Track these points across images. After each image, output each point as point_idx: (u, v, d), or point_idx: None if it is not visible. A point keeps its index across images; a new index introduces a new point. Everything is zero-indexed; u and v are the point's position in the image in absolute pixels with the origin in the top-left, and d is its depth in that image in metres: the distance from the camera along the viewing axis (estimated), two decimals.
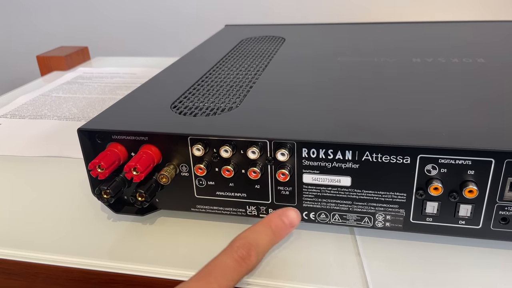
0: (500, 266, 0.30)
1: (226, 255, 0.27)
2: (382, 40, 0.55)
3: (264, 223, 0.30)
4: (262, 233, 0.29)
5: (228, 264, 0.27)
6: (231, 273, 0.26)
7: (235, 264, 0.27)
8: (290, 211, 0.31)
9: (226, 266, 0.26)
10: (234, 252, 0.27)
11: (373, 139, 0.29)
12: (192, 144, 0.32)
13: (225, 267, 0.26)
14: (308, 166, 0.31)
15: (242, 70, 0.45)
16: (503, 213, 0.29)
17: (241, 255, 0.27)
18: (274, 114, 0.34)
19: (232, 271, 0.26)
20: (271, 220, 0.30)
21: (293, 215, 0.31)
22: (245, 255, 0.27)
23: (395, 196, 0.30)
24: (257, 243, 0.28)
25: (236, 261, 0.27)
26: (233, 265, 0.27)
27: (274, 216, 0.30)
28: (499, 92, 0.36)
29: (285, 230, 0.31)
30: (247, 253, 0.27)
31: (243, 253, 0.27)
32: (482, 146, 0.27)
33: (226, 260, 0.27)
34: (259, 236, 0.29)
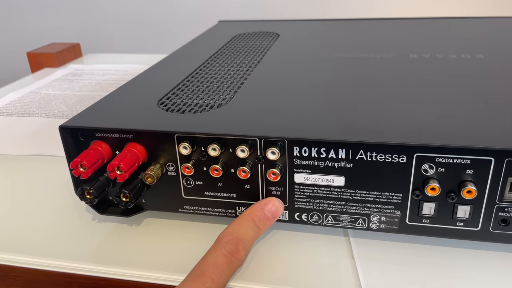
0: (498, 269, 0.28)
1: (215, 252, 0.27)
2: (378, 36, 0.53)
3: (247, 217, 0.30)
4: (246, 227, 0.29)
5: (219, 261, 0.27)
6: (224, 269, 0.26)
7: (226, 260, 0.27)
8: (271, 202, 0.31)
9: (218, 263, 0.26)
10: (223, 248, 0.27)
11: (368, 137, 0.28)
12: (178, 142, 0.30)
13: (217, 264, 0.26)
14: (300, 165, 0.29)
15: (234, 66, 0.44)
16: (503, 215, 0.28)
17: (230, 251, 0.27)
18: (264, 111, 0.33)
19: (225, 268, 0.26)
20: (254, 214, 0.30)
21: (275, 206, 0.31)
22: (234, 250, 0.27)
23: (391, 197, 0.29)
24: (244, 237, 0.28)
25: (226, 257, 0.27)
26: (224, 262, 0.27)
27: (256, 209, 0.30)
28: (499, 89, 0.34)
29: (268, 221, 0.31)
30: (235, 248, 0.27)
31: (232, 249, 0.27)
32: (481, 145, 0.26)
33: (217, 257, 0.27)
34: (244, 230, 0.29)
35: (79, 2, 1.09)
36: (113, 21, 1.10)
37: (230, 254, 0.27)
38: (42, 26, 1.13)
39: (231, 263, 0.27)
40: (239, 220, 0.30)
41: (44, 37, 1.13)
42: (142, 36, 1.09)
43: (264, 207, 0.30)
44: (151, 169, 0.31)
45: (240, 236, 0.28)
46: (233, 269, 0.27)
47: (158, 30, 1.08)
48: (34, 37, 1.13)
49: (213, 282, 0.25)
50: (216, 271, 0.26)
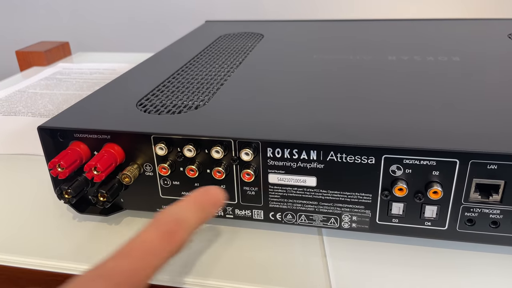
0: (466, 267, 0.29)
1: (149, 231, 0.23)
2: (360, 37, 0.54)
3: (189, 200, 0.26)
4: (188, 209, 0.25)
5: (153, 240, 0.22)
6: (158, 251, 0.22)
7: (161, 240, 0.22)
8: (214, 190, 0.27)
9: (151, 243, 0.22)
10: (160, 227, 0.23)
11: (338, 139, 0.28)
12: (155, 143, 0.31)
13: (150, 244, 0.22)
14: (273, 166, 0.30)
15: (216, 67, 0.44)
16: (468, 215, 0.29)
17: (168, 230, 0.23)
18: (240, 113, 0.33)
19: (159, 249, 0.22)
20: (196, 197, 0.26)
21: (217, 193, 0.27)
22: (172, 229, 0.23)
23: (361, 197, 0.30)
24: (185, 219, 0.24)
25: (162, 237, 0.23)
26: (158, 242, 0.22)
27: (199, 194, 0.26)
28: (469, 92, 0.35)
29: (211, 209, 0.26)
30: (174, 229, 0.23)
31: (170, 228, 0.23)
32: (446, 147, 0.27)
33: (150, 236, 0.22)
34: (185, 212, 0.25)
35: (69, 0, 1.10)
36: (104, 20, 1.10)
37: (168, 233, 0.23)
38: (31, 24, 1.13)
39: (168, 245, 0.23)
40: (182, 202, 0.25)
41: (33, 35, 1.13)
42: (133, 35, 1.10)
43: (205, 193, 0.27)
44: (128, 170, 0.32)
45: (180, 217, 0.24)
46: (170, 251, 0.23)
47: (150, 28, 1.08)
48: (23, 35, 1.13)
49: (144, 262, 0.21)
50: (147, 251, 0.22)
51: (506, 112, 0.31)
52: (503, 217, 0.28)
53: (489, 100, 0.34)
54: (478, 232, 0.29)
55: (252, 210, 0.32)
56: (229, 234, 0.34)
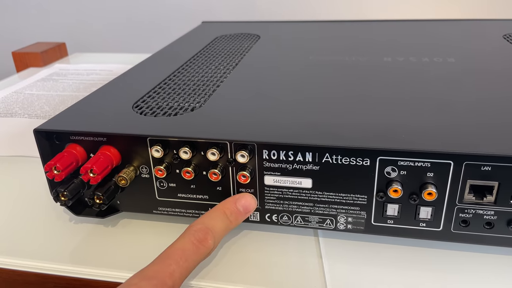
0: (461, 268, 0.30)
1: (184, 239, 0.28)
2: (356, 38, 0.54)
3: (219, 209, 0.30)
4: (217, 219, 0.30)
5: (186, 247, 0.27)
6: (190, 255, 0.27)
7: (193, 247, 0.27)
8: (244, 198, 0.31)
9: (185, 248, 0.27)
10: (192, 235, 0.28)
11: (333, 141, 0.29)
12: (151, 145, 0.31)
13: (184, 249, 0.27)
14: (269, 168, 0.30)
15: (212, 69, 0.44)
16: (463, 216, 0.29)
17: (199, 238, 0.28)
18: (236, 115, 0.33)
19: (191, 253, 0.27)
20: (226, 207, 0.31)
21: (248, 201, 0.31)
22: (202, 238, 0.28)
23: (356, 198, 0.30)
24: (213, 228, 0.29)
25: (194, 244, 0.27)
26: (191, 248, 0.27)
27: (229, 203, 0.31)
28: (463, 94, 0.35)
29: (240, 216, 0.31)
30: (204, 236, 0.28)
31: (201, 236, 0.28)
32: (440, 149, 0.27)
33: (184, 243, 0.27)
34: (215, 221, 0.29)
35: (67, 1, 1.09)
36: (101, 20, 1.10)
37: (198, 241, 0.28)
38: (28, 25, 1.13)
39: (198, 250, 0.27)
40: (211, 212, 0.30)
41: (30, 36, 1.12)
42: (130, 35, 1.10)
43: (236, 202, 0.31)
44: (124, 172, 0.32)
45: (210, 226, 0.29)
46: (200, 256, 0.28)
47: (147, 29, 1.08)
48: (20, 36, 1.13)
49: (178, 265, 0.26)
50: (182, 255, 0.26)
51: (500, 114, 0.31)
52: (497, 218, 0.28)
53: (484, 101, 0.34)
54: (473, 233, 0.29)
55: None
56: (225, 235, 0.34)
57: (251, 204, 0.31)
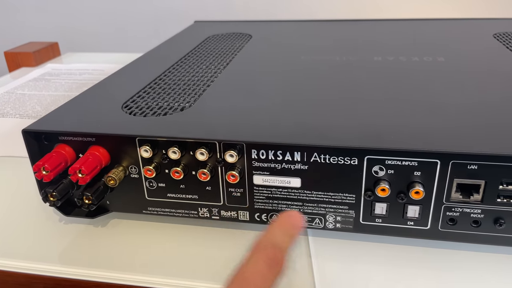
0: (450, 266, 0.30)
1: (255, 260, 0.25)
2: (348, 38, 0.54)
3: (279, 227, 0.28)
4: (281, 235, 0.27)
5: (262, 269, 0.25)
6: (268, 278, 0.24)
7: (268, 269, 0.25)
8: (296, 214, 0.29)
9: (261, 271, 0.25)
10: (263, 255, 0.25)
11: (321, 140, 0.29)
12: (140, 145, 0.31)
13: (260, 272, 0.24)
14: (258, 167, 0.30)
15: (203, 68, 0.44)
16: (450, 214, 0.29)
17: (272, 258, 0.25)
18: (226, 115, 0.33)
19: (268, 276, 0.25)
20: (284, 223, 0.28)
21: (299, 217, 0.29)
22: (275, 258, 0.25)
23: (345, 197, 0.30)
24: (281, 244, 0.27)
25: (269, 266, 0.25)
26: (266, 270, 0.25)
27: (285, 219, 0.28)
28: (451, 93, 0.36)
29: (296, 232, 0.29)
30: (276, 256, 0.26)
31: (273, 256, 0.25)
32: (427, 148, 0.27)
33: (259, 265, 0.25)
34: (280, 238, 0.27)
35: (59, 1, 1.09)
36: (95, 20, 1.09)
37: (272, 261, 0.25)
38: (21, 24, 1.12)
39: (273, 270, 0.25)
40: (272, 229, 0.28)
41: (23, 35, 1.12)
42: (123, 35, 1.09)
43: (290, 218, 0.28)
44: (113, 172, 0.32)
45: (278, 243, 0.27)
46: (276, 276, 0.25)
47: (140, 29, 1.08)
48: (12, 36, 1.13)
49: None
50: (260, 278, 0.24)
51: (487, 113, 0.32)
52: (484, 216, 0.29)
53: (471, 101, 0.34)
54: (460, 231, 0.29)
55: (237, 211, 0.32)
56: (214, 235, 0.34)
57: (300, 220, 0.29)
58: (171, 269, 0.31)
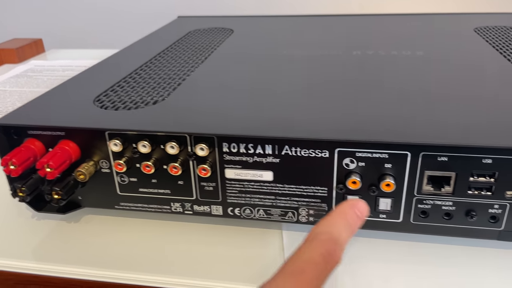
0: (423, 259, 0.30)
1: (312, 249, 0.24)
2: (329, 33, 0.54)
3: (340, 216, 0.26)
4: (341, 226, 0.26)
5: (318, 261, 0.23)
6: (323, 271, 0.23)
7: (324, 261, 0.23)
8: (361, 203, 0.27)
9: (317, 263, 0.23)
10: (321, 247, 0.24)
11: (291, 133, 0.28)
12: (110, 139, 0.30)
13: (316, 264, 0.23)
14: (230, 161, 0.30)
15: (181, 63, 0.44)
16: (422, 207, 0.29)
17: (329, 251, 0.24)
18: (198, 108, 0.33)
19: (323, 269, 0.23)
20: (346, 212, 0.26)
21: (363, 207, 0.27)
22: (332, 251, 0.24)
23: (317, 191, 0.30)
24: (340, 237, 0.25)
25: (324, 258, 0.23)
26: (322, 263, 0.23)
27: (347, 208, 0.27)
28: (426, 86, 0.35)
29: (359, 222, 0.27)
30: (333, 248, 0.24)
31: (330, 249, 0.24)
32: (396, 139, 0.27)
33: (315, 256, 0.23)
34: (339, 230, 0.25)
35: None
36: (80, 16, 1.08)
37: (329, 255, 0.24)
38: (6, 20, 1.11)
39: (329, 265, 0.23)
40: (332, 219, 0.26)
41: (7, 32, 1.10)
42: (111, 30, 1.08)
43: (354, 207, 0.27)
44: (83, 166, 0.31)
45: (336, 235, 0.25)
46: (330, 271, 0.24)
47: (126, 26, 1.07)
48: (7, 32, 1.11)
49: (313, 285, 0.22)
50: (315, 270, 0.23)
51: (459, 105, 0.31)
52: (456, 208, 0.28)
53: (445, 93, 0.34)
54: (432, 224, 0.29)
55: (210, 206, 0.32)
56: (187, 230, 0.33)
57: (365, 209, 0.27)
58: (144, 264, 0.30)
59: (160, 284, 0.29)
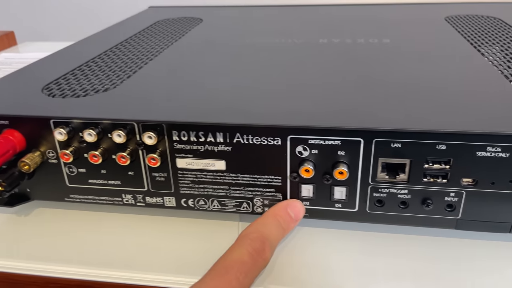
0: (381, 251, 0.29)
1: (240, 249, 0.25)
2: (298, 21, 0.53)
3: (271, 216, 0.27)
4: (272, 226, 0.27)
5: (245, 259, 0.24)
6: (250, 269, 0.24)
7: (252, 259, 0.24)
8: (295, 203, 0.28)
9: (243, 262, 0.24)
10: (249, 245, 0.25)
11: (242, 119, 0.27)
12: (54, 128, 0.29)
13: (242, 263, 0.24)
14: (181, 150, 0.29)
15: (142, 51, 0.42)
16: (377, 195, 0.28)
17: (257, 250, 0.25)
18: (149, 96, 0.32)
19: (251, 267, 0.24)
20: (278, 214, 0.28)
21: (298, 207, 0.28)
22: (260, 249, 0.25)
23: (271, 180, 0.29)
24: (269, 236, 0.26)
25: (252, 256, 0.24)
26: (250, 261, 0.24)
27: (280, 209, 0.28)
28: (384, 72, 0.35)
29: (292, 223, 0.28)
30: (261, 247, 0.25)
31: (258, 248, 0.25)
32: (348, 125, 0.26)
33: (242, 255, 0.24)
34: (269, 229, 0.26)
35: None
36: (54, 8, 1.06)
37: (257, 253, 0.24)
38: None
39: (257, 263, 0.24)
40: (264, 219, 0.27)
41: None
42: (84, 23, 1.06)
43: (288, 207, 0.28)
44: (28, 157, 0.30)
45: (265, 235, 0.26)
46: (258, 269, 0.24)
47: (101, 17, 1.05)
48: None
49: (239, 282, 0.23)
50: (242, 269, 0.23)
51: (415, 93, 0.30)
52: (411, 197, 0.28)
53: (403, 81, 0.33)
54: (388, 213, 0.28)
55: (163, 197, 0.31)
56: (141, 222, 0.32)
57: (300, 210, 0.28)
58: (96, 259, 0.29)
59: (110, 279, 0.28)
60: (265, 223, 0.27)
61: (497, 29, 0.46)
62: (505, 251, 0.28)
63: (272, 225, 0.27)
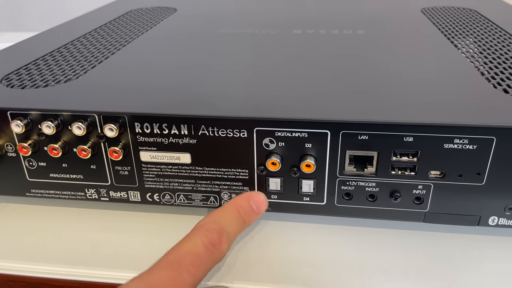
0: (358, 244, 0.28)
1: (194, 239, 0.23)
2: (273, 12, 0.52)
3: (232, 207, 0.26)
4: (231, 217, 0.25)
5: (199, 251, 0.22)
6: (203, 261, 0.22)
7: (206, 251, 0.23)
8: (258, 195, 0.27)
9: (197, 253, 0.22)
10: (204, 236, 0.23)
11: (207, 111, 0.27)
12: (12, 120, 0.28)
13: (196, 255, 0.22)
14: (144, 142, 0.28)
15: (110, 41, 0.41)
16: (345, 188, 0.27)
17: (212, 241, 0.23)
18: (112, 87, 0.30)
19: (204, 260, 0.22)
20: (239, 205, 0.26)
21: (260, 199, 0.27)
22: (216, 241, 0.23)
23: (238, 173, 0.28)
24: (228, 228, 0.24)
25: (207, 248, 0.23)
26: (204, 253, 0.23)
27: (242, 200, 0.27)
28: (355, 64, 0.34)
29: (254, 216, 0.27)
30: (218, 239, 0.23)
31: (214, 239, 0.23)
32: (314, 117, 0.25)
33: (196, 246, 0.23)
34: (228, 221, 0.25)
35: None
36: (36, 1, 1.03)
37: (212, 245, 0.23)
38: None
39: (212, 255, 0.23)
40: (223, 210, 0.26)
41: None
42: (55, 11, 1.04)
43: (250, 199, 0.27)
44: None
45: (224, 226, 0.24)
46: (213, 262, 0.23)
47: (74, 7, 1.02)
48: None
49: (190, 274, 0.21)
50: (194, 261, 0.22)
51: (384, 84, 0.30)
52: (379, 190, 0.27)
53: (374, 72, 0.32)
54: (357, 206, 0.28)
55: (127, 192, 0.30)
56: (106, 217, 0.31)
57: (263, 203, 0.27)
58: (59, 256, 0.28)
59: (74, 276, 0.27)
60: (224, 214, 0.25)
61: (472, 21, 0.46)
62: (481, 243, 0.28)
63: (232, 217, 0.25)
